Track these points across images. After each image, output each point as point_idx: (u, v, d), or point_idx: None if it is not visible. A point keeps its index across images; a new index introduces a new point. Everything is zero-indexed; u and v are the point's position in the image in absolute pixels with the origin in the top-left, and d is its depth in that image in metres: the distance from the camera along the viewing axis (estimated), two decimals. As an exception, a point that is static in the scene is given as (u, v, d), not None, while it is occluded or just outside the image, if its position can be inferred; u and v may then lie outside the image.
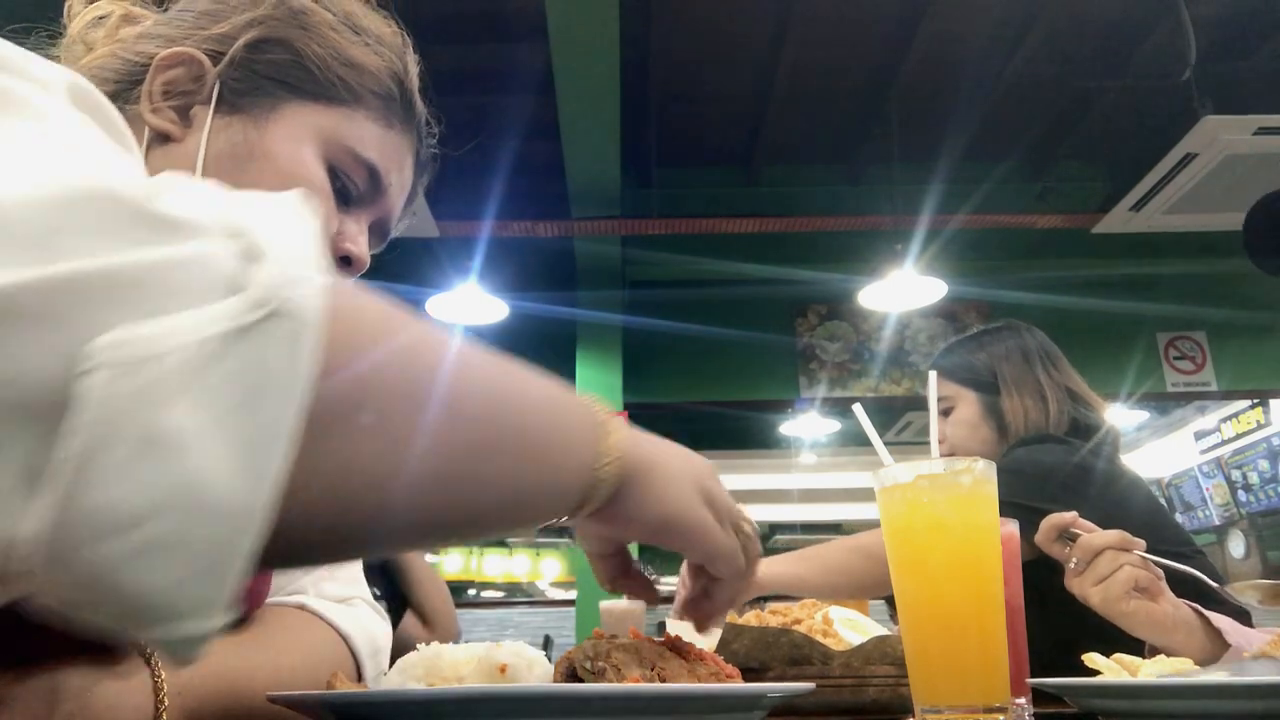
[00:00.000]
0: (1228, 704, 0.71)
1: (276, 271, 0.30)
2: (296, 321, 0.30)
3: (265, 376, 0.30)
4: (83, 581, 0.28)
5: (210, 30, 0.71)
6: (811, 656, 0.93)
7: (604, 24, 3.33)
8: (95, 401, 0.27)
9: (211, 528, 0.29)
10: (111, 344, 0.28)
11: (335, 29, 0.75)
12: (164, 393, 0.28)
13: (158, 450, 0.28)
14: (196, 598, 0.30)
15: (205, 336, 0.29)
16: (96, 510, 0.27)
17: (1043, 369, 1.79)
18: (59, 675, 0.48)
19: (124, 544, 0.28)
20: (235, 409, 0.29)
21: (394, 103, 0.77)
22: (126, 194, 0.30)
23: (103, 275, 0.28)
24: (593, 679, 0.48)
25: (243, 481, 0.29)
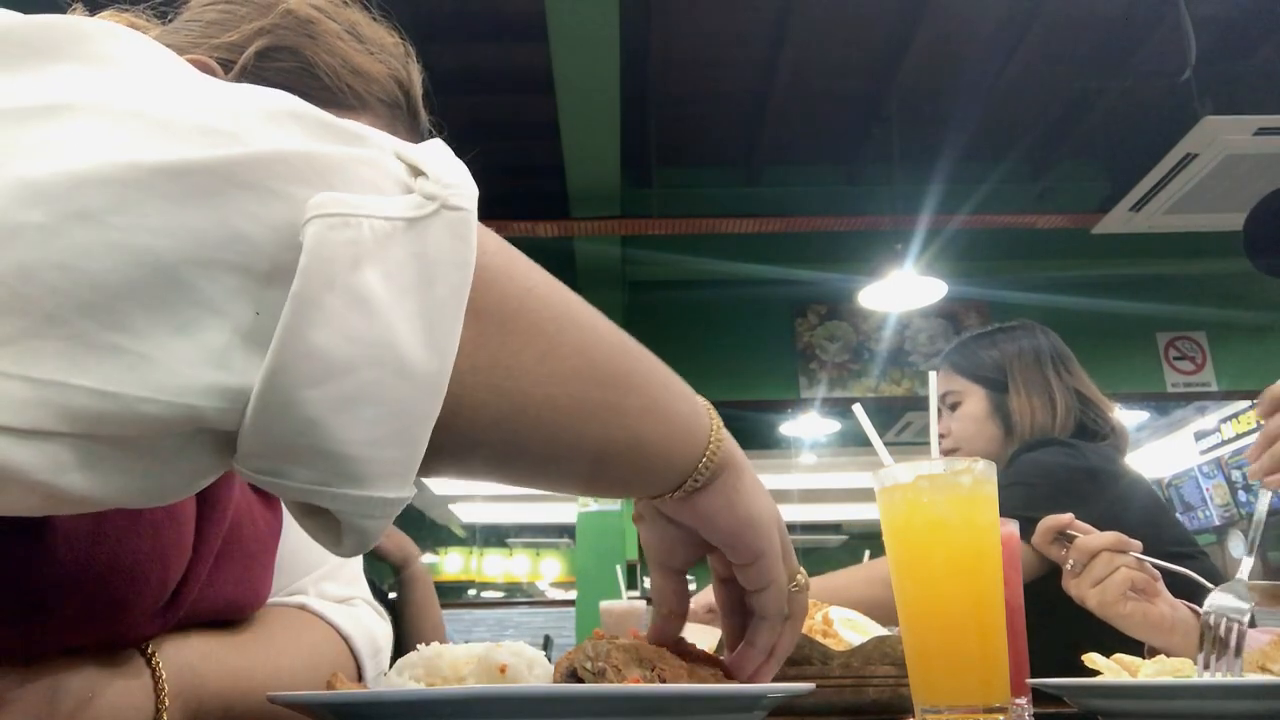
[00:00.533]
0: (1228, 704, 0.71)
1: (439, 179, 0.34)
2: (458, 216, 0.34)
3: (436, 262, 0.33)
4: (293, 429, 0.31)
5: (220, 39, 0.72)
6: (811, 656, 0.93)
7: (604, 24, 3.33)
8: (312, 248, 0.30)
9: (404, 388, 0.32)
10: (325, 201, 0.31)
11: (341, 38, 0.75)
12: (365, 253, 0.31)
13: (362, 305, 0.31)
14: (391, 460, 0.33)
15: (391, 216, 0.32)
16: (311, 353, 0.30)
17: (1053, 370, 1.79)
18: (59, 675, 0.48)
19: (333, 391, 0.31)
20: (415, 285, 0.32)
21: (399, 110, 0.78)
22: (306, 108, 0.34)
23: (304, 157, 0.32)
24: (593, 679, 0.48)
25: (426, 350, 0.32)
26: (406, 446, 0.33)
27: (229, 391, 0.30)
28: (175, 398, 0.29)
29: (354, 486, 0.32)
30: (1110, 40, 4.23)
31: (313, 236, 0.30)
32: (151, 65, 0.35)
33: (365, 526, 0.34)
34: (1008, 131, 4.86)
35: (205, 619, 0.60)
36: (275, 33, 0.72)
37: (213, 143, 0.31)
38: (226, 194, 0.30)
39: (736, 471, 0.53)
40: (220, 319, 0.30)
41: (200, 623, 0.60)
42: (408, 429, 0.33)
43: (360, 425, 0.31)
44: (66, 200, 0.28)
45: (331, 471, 0.32)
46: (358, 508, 0.33)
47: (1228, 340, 5.52)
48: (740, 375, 5.48)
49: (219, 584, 0.59)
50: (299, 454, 0.31)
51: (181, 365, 0.29)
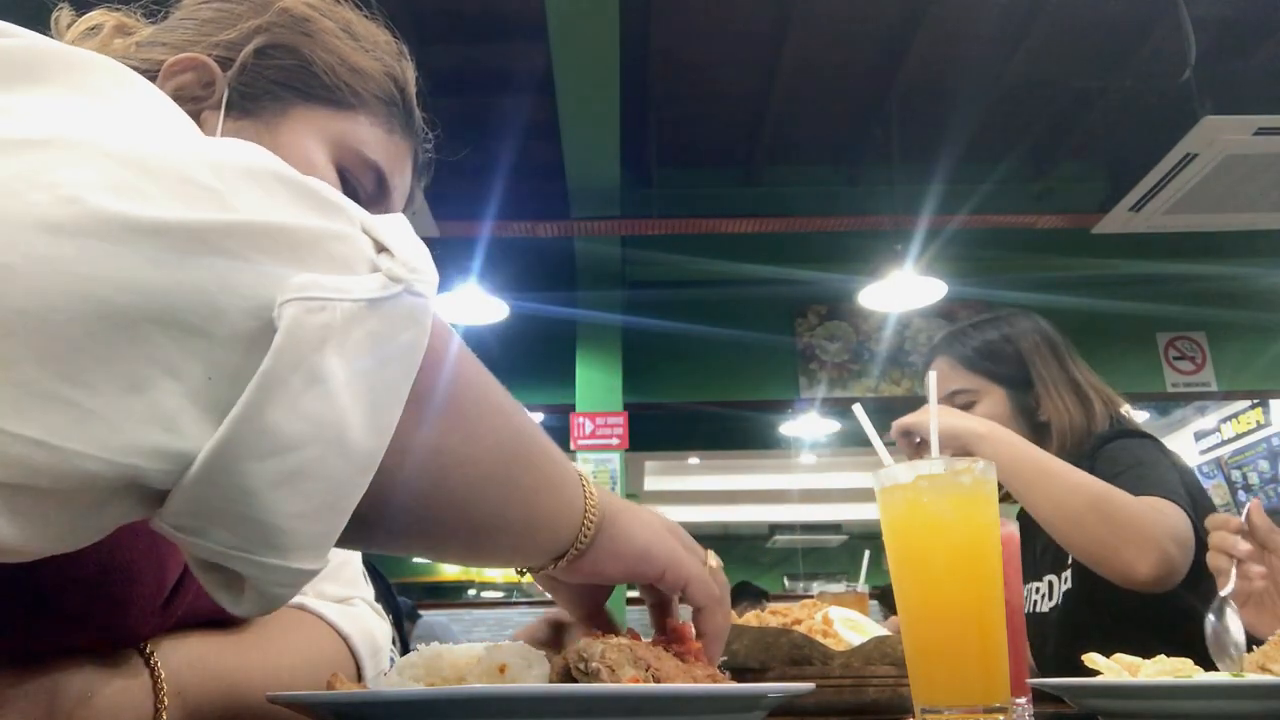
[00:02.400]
0: (1228, 704, 0.71)
1: (403, 259, 0.35)
2: (419, 303, 0.35)
3: (391, 344, 0.34)
4: (228, 497, 0.31)
5: (216, 37, 0.72)
6: (811, 656, 0.93)
7: (604, 24, 3.33)
8: (289, 329, 0.30)
9: (341, 466, 0.32)
10: (304, 284, 0.31)
11: (337, 36, 0.75)
12: (332, 335, 0.32)
13: (320, 385, 0.31)
14: (313, 533, 0.33)
15: (357, 298, 0.33)
16: (265, 430, 0.30)
17: (1071, 360, 1.67)
18: (59, 676, 0.48)
19: (277, 466, 0.31)
20: (368, 367, 0.33)
21: (395, 107, 0.78)
22: (288, 171, 0.34)
23: (283, 231, 0.32)
24: (586, 679, 0.48)
25: (367, 430, 0.33)
26: (330, 521, 0.34)
27: (173, 455, 0.30)
28: (118, 456, 0.29)
29: (273, 556, 0.32)
30: (1110, 40, 4.23)
31: (290, 319, 0.31)
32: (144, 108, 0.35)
33: (274, 593, 0.34)
34: (1008, 131, 4.85)
35: (204, 619, 0.60)
36: (272, 31, 0.72)
37: (195, 202, 0.30)
38: (202, 258, 0.30)
39: (617, 516, 0.55)
40: (174, 381, 0.29)
41: (199, 623, 0.60)
42: (335, 504, 0.33)
43: (294, 499, 0.32)
44: (34, 243, 0.28)
45: (254, 539, 0.32)
46: (272, 576, 0.33)
47: (1228, 340, 5.52)
48: (740, 375, 5.48)
49: (218, 585, 0.59)
50: (226, 519, 0.31)
51: (129, 424, 0.29)
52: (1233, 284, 5.30)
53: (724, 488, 8.85)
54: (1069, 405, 1.61)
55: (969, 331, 1.70)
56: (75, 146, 0.30)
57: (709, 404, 5.52)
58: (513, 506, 0.46)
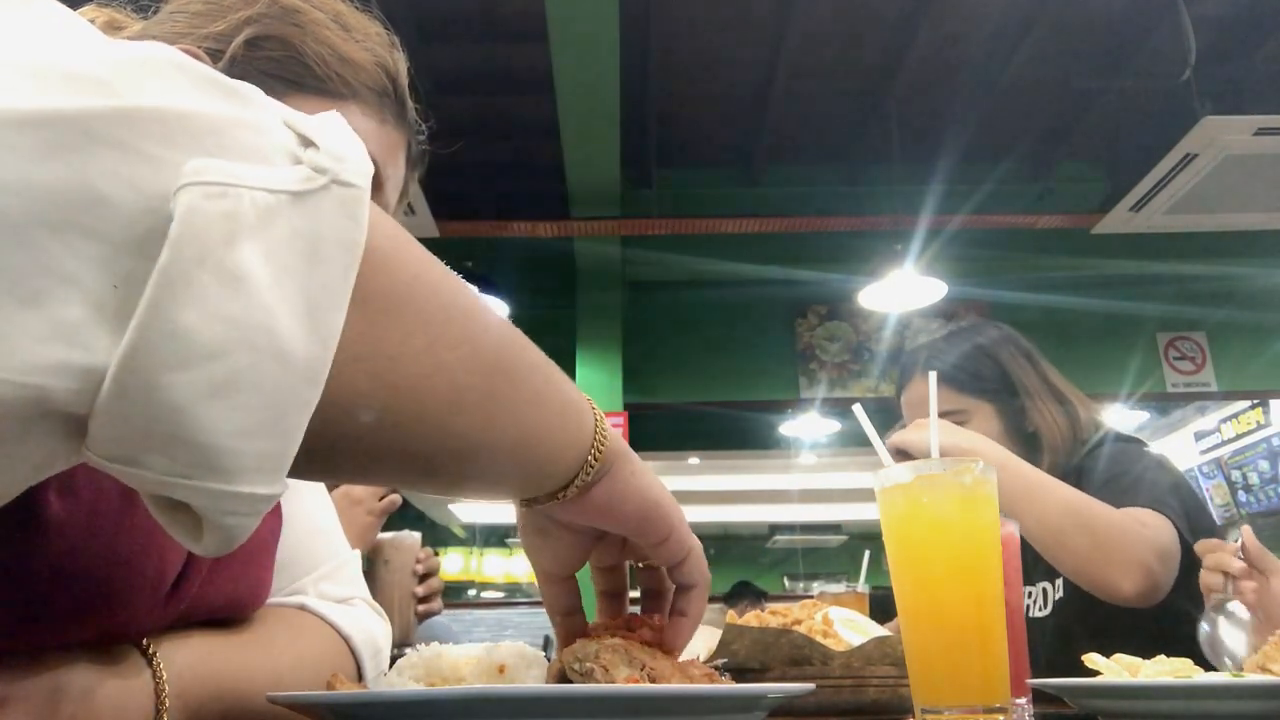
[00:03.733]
0: (1228, 704, 0.71)
1: (330, 152, 0.32)
2: (350, 193, 0.32)
3: (323, 241, 0.31)
4: (152, 415, 0.28)
5: (207, 29, 0.72)
6: (811, 657, 0.93)
7: (604, 24, 3.33)
8: (184, 218, 0.28)
9: (280, 375, 0.29)
10: (202, 168, 0.28)
11: (327, 27, 0.76)
12: (242, 227, 0.29)
13: (236, 284, 0.28)
14: (261, 452, 0.30)
15: (275, 188, 0.30)
16: (176, 334, 0.27)
17: (1046, 369, 1.64)
18: (60, 675, 0.48)
19: (199, 376, 0.28)
20: (298, 266, 0.30)
21: (387, 98, 0.79)
22: (192, 61, 0.31)
23: (181, 115, 0.29)
24: (581, 680, 0.48)
25: (306, 335, 0.30)
26: (279, 439, 0.30)
27: (81, 371, 0.27)
28: (20, 376, 0.26)
29: (218, 480, 0.29)
30: (1110, 40, 4.23)
31: (185, 206, 0.28)
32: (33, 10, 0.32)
33: (229, 524, 0.31)
34: (1008, 131, 4.86)
35: (205, 618, 0.60)
36: (262, 22, 0.73)
37: (79, 91, 0.27)
38: (88, 150, 0.27)
39: (627, 459, 0.52)
40: (74, 290, 0.27)
41: (200, 622, 0.60)
42: (282, 419, 0.30)
43: (230, 414, 0.29)
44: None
45: (193, 463, 0.29)
46: (221, 503, 0.30)
47: (1228, 340, 5.52)
48: (740, 375, 5.48)
49: (219, 582, 0.59)
50: (158, 442, 0.28)
51: (28, 340, 0.26)
52: (1233, 284, 5.30)
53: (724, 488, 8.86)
54: (1054, 414, 1.58)
55: (942, 347, 1.66)
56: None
57: (709, 404, 5.51)
58: (498, 421, 0.41)
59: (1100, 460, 1.53)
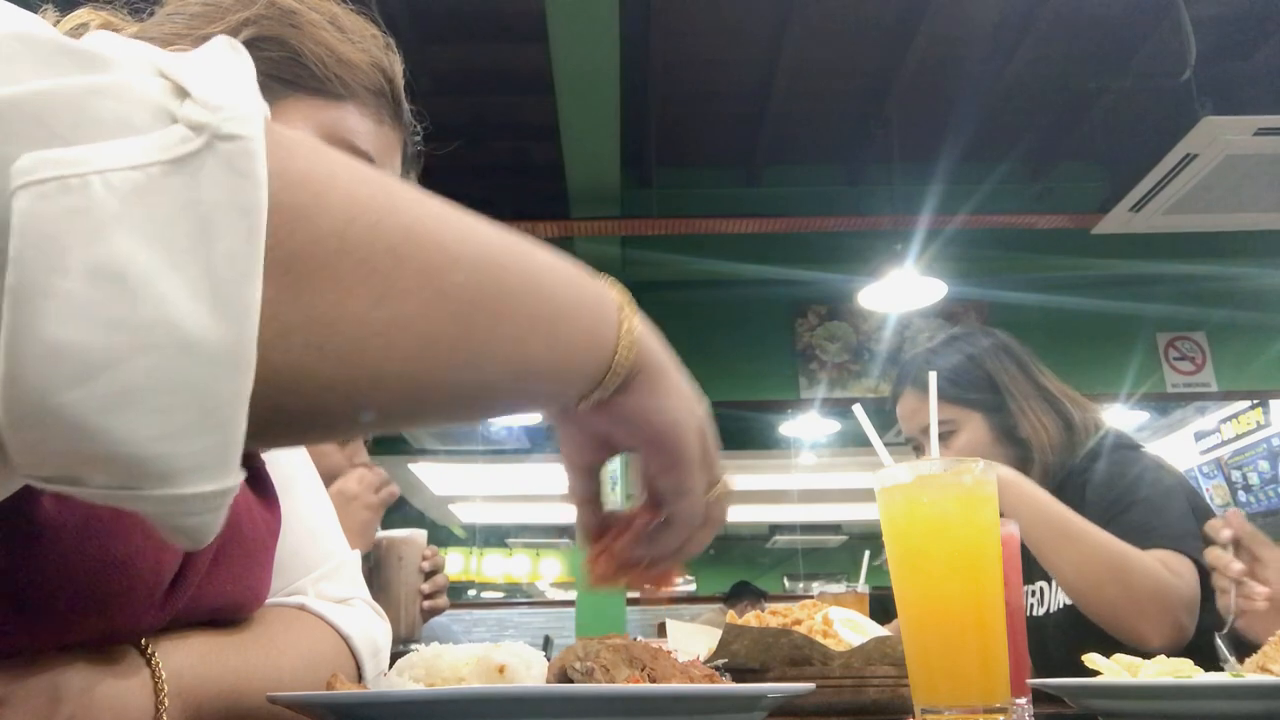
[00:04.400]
0: (1228, 704, 0.71)
1: (210, 101, 0.28)
2: (237, 146, 0.28)
3: (214, 208, 0.27)
4: (61, 436, 0.26)
5: (205, 30, 0.72)
6: (811, 657, 0.93)
7: (604, 24, 3.33)
8: (22, 227, 0.25)
9: (192, 370, 0.27)
10: (33, 164, 0.25)
11: (324, 28, 0.76)
12: (103, 219, 0.25)
13: (113, 285, 0.25)
14: (199, 450, 0.28)
15: (141, 163, 0.26)
16: (54, 353, 0.25)
17: (1039, 374, 1.63)
18: (59, 675, 0.48)
19: (95, 390, 0.25)
20: (191, 243, 0.27)
21: (384, 98, 0.79)
22: (41, 31, 0.27)
23: (15, 101, 0.26)
24: (582, 679, 0.48)
25: (215, 319, 0.27)
26: (217, 432, 0.28)
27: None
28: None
29: (161, 486, 0.27)
30: (1110, 40, 4.23)
31: (21, 212, 0.25)
32: None
33: (190, 525, 0.29)
34: (1008, 131, 4.85)
35: (204, 618, 0.60)
36: (260, 23, 0.73)
37: None
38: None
39: (654, 373, 0.48)
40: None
41: (199, 622, 0.60)
42: (213, 413, 0.27)
43: (145, 420, 0.26)
44: None
45: (129, 474, 0.27)
46: (172, 507, 0.28)
47: (1228, 340, 5.51)
48: (740, 375, 5.48)
49: (217, 583, 0.59)
50: (84, 460, 0.27)
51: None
52: (1233, 284, 5.30)
53: (724, 488, 8.84)
54: (1045, 421, 1.58)
55: (932, 360, 1.65)
56: None
57: (709, 404, 5.50)
58: (484, 362, 0.37)
59: (1099, 462, 1.53)
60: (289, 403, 0.31)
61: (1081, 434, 1.58)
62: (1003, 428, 1.59)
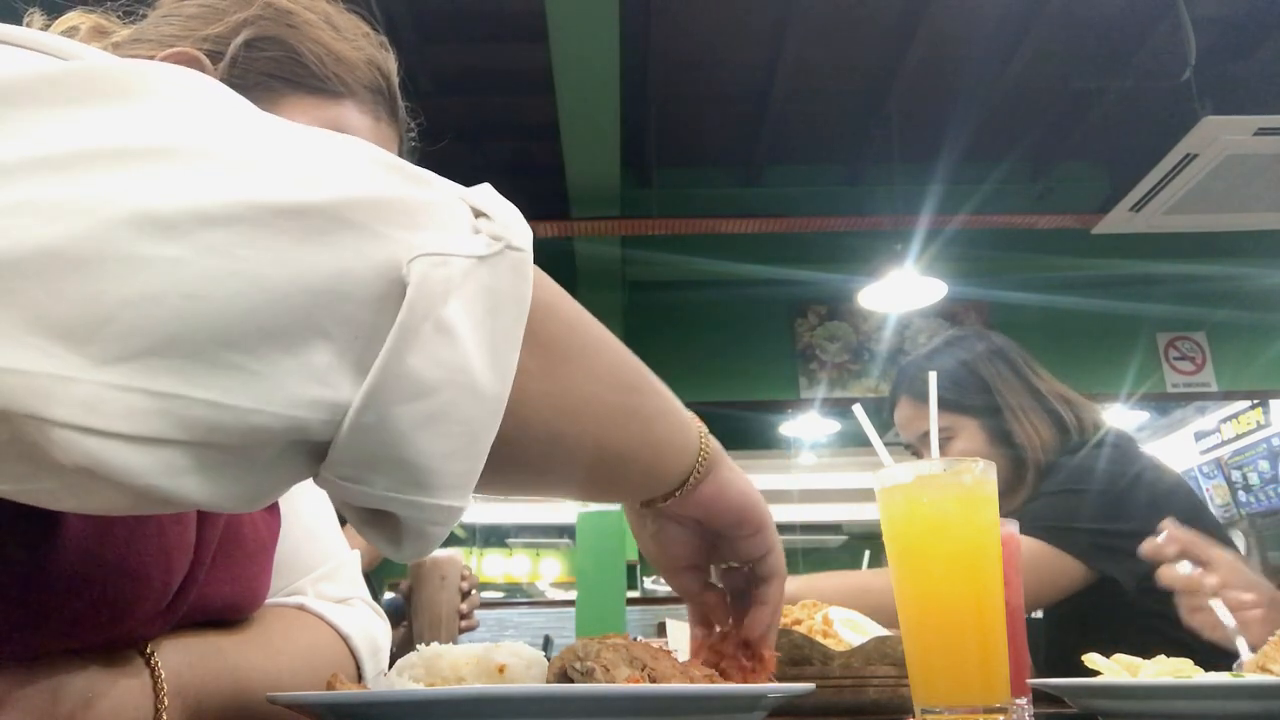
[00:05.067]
0: (1228, 704, 0.71)
1: (502, 221, 0.38)
2: (520, 256, 0.38)
3: (502, 296, 0.37)
4: (381, 440, 0.34)
5: (203, 31, 0.72)
6: (811, 656, 0.93)
7: (604, 24, 3.33)
8: (418, 283, 0.34)
9: (474, 408, 0.36)
10: (428, 241, 0.35)
11: (320, 27, 0.77)
12: (453, 288, 0.35)
13: (448, 334, 0.35)
14: (458, 472, 0.36)
15: (470, 254, 0.36)
16: (406, 375, 0.34)
17: (1034, 376, 1.65)
18: (60, 676, 0.48)
19: (420, 409, 0.34)
20: (484, 317, 0.36)
21: (380, 96, 0.80)
22: (386, 155, 0.37)
23: (399, 200, 0.35)
24: (582, 679, 0.48)
25: (492, 374, 0.36)
26: (471, 460, 0.37)
27: (330, 405, 0.33)
28: (283, 410, 0.32)
29: (425, 495, 0.36)
30: (1110, 40, 4.22)
31: (418, 273, 0.34)
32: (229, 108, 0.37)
33: (429, 532, 0.38)
34: (1008, 131, 4.85)
35: (204, 619, 0.60)
36: (258, 24, 0.73)
37: (320, 186, 0.34)
38: (337, 233, 0.33)
39: (724, 461, 0.60)
40: (326, 341, 0.33)
41: (199, 623, 0.60)
42: (474, 444, 0.37)
43: (438, 440, 0.35)
44: (199, 234, 0.31)
45: (407, 481, 0.35)
46: (426, 514, 0.37)
47: (1228, 340, 5.51)
48: (740, 375, 5.48)
49: (217, 584, 0.59)
50: (381, 464, 0.35)
51: (290, 381, 0.33)
52: (1233, 284, 5.30)
53: (724, 488, 8.84)
54: (1038, 426, 1.59)
55: (924, 364, 1.68)
56: (192, 152, 0.33)
57: (709, 404, 5.51)
58: (636, 435, 0.50)
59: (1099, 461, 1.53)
60: (519, 446, 0.41)
61: (1075, 435, 1.60)
62: (998, 432, 1.60)
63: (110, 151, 0.32)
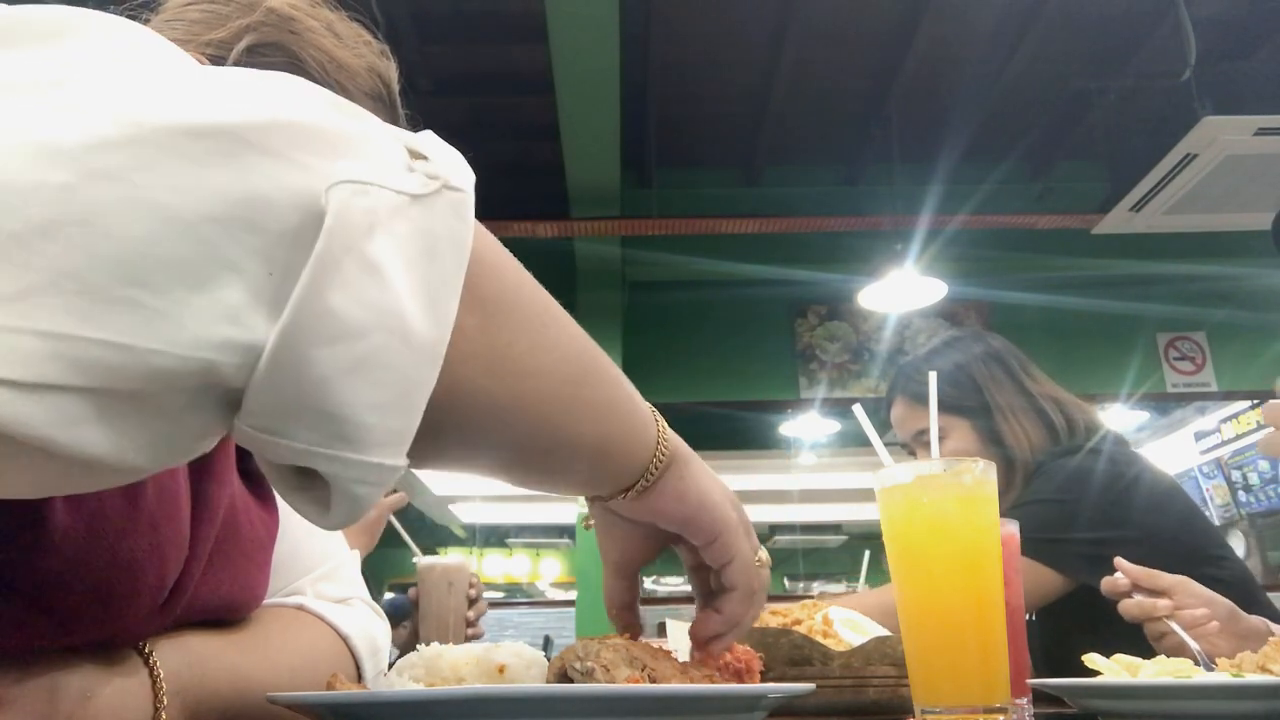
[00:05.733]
0: (1227, 704, 0.71)
1: (439, 161, 0.36)
2: (459, 197, 0.35)
3: (439, 238, 0.34)
4: (301, 386, 0.31)
5: (207, 36, 0.72)
6: (811, 657, 0.93)
7: (604, 24, 3.33)
8: (337, 211, 0.31)
9: (408, 356, 0.33)
10: (349, 169, 0.32)
11: (322, 34, 0.77)
12: (379, 222, 0.32)
13: (375, 272, 0.32)
14: (389, 427, 0.33)
15: (401, 190, 0.33)
16: (326, 314, 0.31)
17: (1028, 379, 1.66)
18: (59, 675, 0.48)
19: (344, 352, 0.31)
20: (419, 258, 0.33)
21: (381, 103, 0.80)
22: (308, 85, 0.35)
23: (318, 127, 0.33)
24: (582, 679, 0.48)
25: (428, 320, 0.33)
26: (404, 415, 0.34)
27: (242, 347, 0.30)
28: (189, 351, 0.30)
29: (352, 450, 0.33)
30: (1110, 40, 4.23)
31: (338, 200, 0.31)
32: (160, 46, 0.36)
33: (358, 493, 0.34)
34: (1008, 131, 4.85)
35: (202, 619, 0.60)
36: (261, 30, 0.74)
37: (232, 107, 0.31)
38: (246, 157, 0.31)
39: (683, 461, 0.56)
40: (236, 277, 0.30)
41: (197, 623, 0.60)
42: (407, 397, 0.34)
43: (366, 389, 0.32)
44: (89, 159, 0.29)
45: (332, 434, 0.32)
46: (353, 472, 0.33)
47: (1228, 340, 5.51)
48: (740, 375, 5.48)
49: (216, 583, 0.59)
50: (303, 414, 0.32)
51: (197, 320, 0.30)
52: (1233, 284, 5.30)
53: (724, 488, 8.84)
54: (1027, 429, 1.61)
55: (920, 366, 1.71)
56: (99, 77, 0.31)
57: (709, 404, 5.51)
58: (585, 425, 0.46)
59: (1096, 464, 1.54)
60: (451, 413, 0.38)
61: (1065, 437, 1.61)
62: (988, 433, 1.63)
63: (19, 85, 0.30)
